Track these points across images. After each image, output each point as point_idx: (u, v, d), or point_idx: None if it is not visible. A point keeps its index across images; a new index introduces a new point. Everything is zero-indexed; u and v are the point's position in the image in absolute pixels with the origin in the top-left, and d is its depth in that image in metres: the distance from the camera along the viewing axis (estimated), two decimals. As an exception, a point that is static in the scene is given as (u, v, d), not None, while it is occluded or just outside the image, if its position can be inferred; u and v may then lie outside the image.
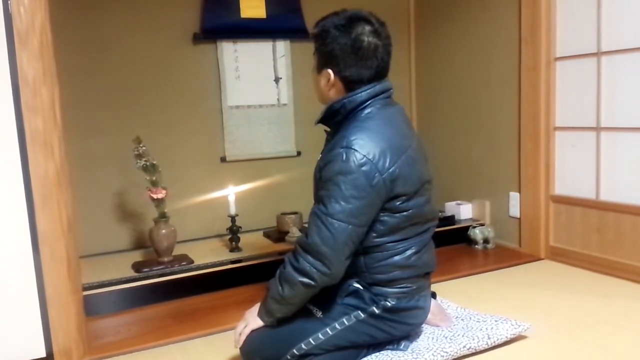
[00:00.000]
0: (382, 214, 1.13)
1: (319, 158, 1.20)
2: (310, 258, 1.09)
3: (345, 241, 1.08)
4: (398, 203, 1.13)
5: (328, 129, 1.26)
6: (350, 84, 1.16)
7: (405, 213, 1.15)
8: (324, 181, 1.11)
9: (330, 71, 1.16)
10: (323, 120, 1.22)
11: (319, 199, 1.12)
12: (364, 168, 1.07)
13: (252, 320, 1.18)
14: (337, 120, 1.19)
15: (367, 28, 1.13)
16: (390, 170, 1.10)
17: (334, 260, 1.08)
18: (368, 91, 1.15)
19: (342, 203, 1.07)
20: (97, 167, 2.16)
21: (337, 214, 1.07)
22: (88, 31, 2.12)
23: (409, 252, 1.18)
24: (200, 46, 2.32)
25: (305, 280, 1.09)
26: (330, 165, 1.10)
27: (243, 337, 1.18)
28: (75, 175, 1.60)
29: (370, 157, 1.08)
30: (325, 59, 1.17)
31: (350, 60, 1.13)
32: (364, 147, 1.08)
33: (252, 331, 1.18)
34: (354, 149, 1.08)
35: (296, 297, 1.13)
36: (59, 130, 1.33)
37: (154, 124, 2.24)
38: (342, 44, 1.13)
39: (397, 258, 1.16)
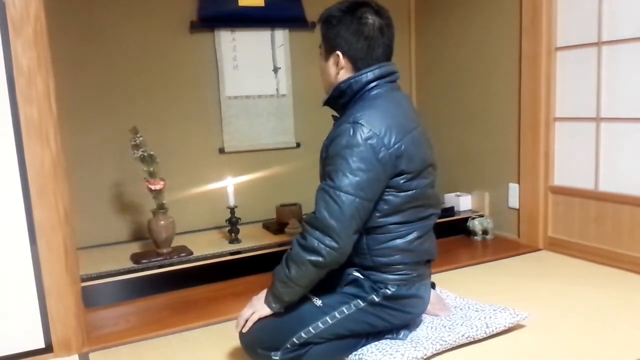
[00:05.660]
0: (386, 191, 1.14)
1: (323, 144, 1.20)
2: (318, 233, 1.09)
3: (352, 214, 1.08)
4: (402, 181, 1.14)
5: (336, 115, 1.26)
6: (357, 64, 1.18)
7: (409, 192, 1.15)
8: (331, 157, 1.12)
9: (338, 52, 1.18)
10: (329, 100, 1.23)
11: (326, 175, 1.13)
12: (370, 142, 1.09)
13: (259, 307, 1.17)
14: (344, 102, 1.20)
15: (371, 10, 1.18)
16: (396, 146, 1.11)
17: (342, 234, 1.08)
18: (374, 71, 1.17)
19: (350, 176, 1.08)
20: (94, 158, 2.15)
21: (345, 187, 1.08)
22: (83, 19, 2.09)
23: (411, 237, 1.19)
24: (197, 35, 2.29)
25: (314, 257, 1.08)
26: (337, 140, 1.11)
27: (249, 324, 1.17)
28: (72, 166, 1.59)
29: (377, 131, 1.10)
30: (332, 42, 1.19)
31: (356, 38, 1.16)
32: (370, 122, 1.10)
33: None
34: (360, 124, 1.10)
35: (304, 278, 1.12)
36: (55, 119, 1.31)
37: (151, 114, 2.22)
38: (347, 23, 1.16)
39: (399, 241, 1.17)
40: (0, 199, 1.28)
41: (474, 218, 2.26)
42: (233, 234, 2.09)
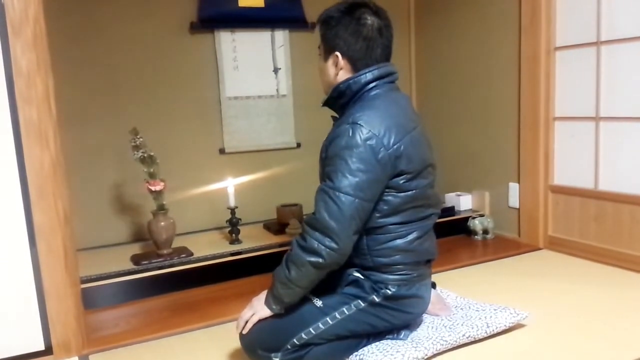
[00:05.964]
0: (386, 192, 1.14)
1: (322, 145, 1.20)
2: (318, 234, 1.09)
3: (352, 215, 1.08)
4: (402, 181, 1.14)
5: (336, 116, 1.26)
6: (356, 64, 1.18)
7: (408, 193, 1.15)
8: (330, 157, 1.12)
9: (337, 53, 1.19)
10: (329, 101, 1.23)
11: (325, 175, 1.13)
12: (369, 142, 1.09)
13: (260, 308, 1.17)
14: (343, 102, 1.20)
15: (369, 10, 1.19)
16: (395, 146, 1.11)
17: (342, 235, 1.08)
18: (373, 72, 1.18)
19: (349, 176, 1.08)
20: (93, 159, 2.15)
21: (344, 187, 1.08)
22: (83, 21, 2.09)
23: (411, 237, 1.19)
24: (197, 36, 2.29)
25: (313, 259, 1.08)
26: (336, 141, 1.12)
27: (249, 325, 1.17)
28: (72, 168, 1.59)
29: (376, 132, 1.10)
30: (331, 43, 1.19)
31: (355, 39, 1.17)
32: (370, 123, 1.10)
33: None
34: (359, 124, 1.10)
35: (304, 279, 1.11)
36: (54, 121, 1.31)
37: (151, 115, 2.22)
38: (346, 24, 1.17)
39: (399, 242, 1.17)
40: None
41: (474, 217, 2.26)
42: (233, 235, 2.09)
